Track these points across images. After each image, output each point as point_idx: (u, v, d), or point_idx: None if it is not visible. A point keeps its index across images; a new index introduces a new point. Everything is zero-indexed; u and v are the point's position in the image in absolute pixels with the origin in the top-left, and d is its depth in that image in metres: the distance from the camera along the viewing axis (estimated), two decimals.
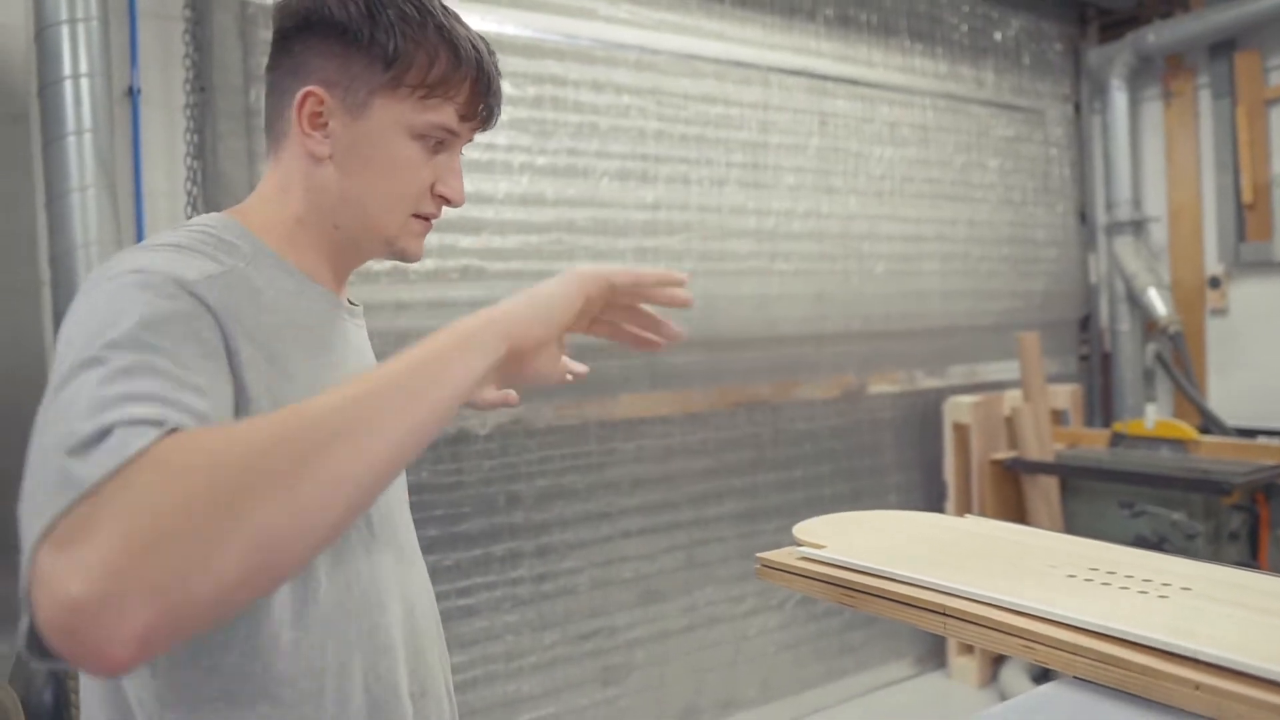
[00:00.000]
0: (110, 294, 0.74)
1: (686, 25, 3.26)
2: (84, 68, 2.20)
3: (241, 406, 0.79)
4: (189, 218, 2.43)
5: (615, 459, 3.12)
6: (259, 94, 2.52)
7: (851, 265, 3.69)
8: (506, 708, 2.88)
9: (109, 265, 0.80)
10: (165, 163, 2.45)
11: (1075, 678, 0.89)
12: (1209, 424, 4.02)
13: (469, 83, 0.94)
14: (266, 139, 0.99)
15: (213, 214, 0.95)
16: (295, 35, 0.94)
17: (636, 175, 3.16)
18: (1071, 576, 1.07)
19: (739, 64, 3.37)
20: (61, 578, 0.54)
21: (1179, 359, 4.22)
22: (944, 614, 1.03)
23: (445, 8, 0.94)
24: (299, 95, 0.92)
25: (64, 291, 2.20)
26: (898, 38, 3.84)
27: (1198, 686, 0.79)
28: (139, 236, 2.41)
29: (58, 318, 2.22)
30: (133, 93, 2.41)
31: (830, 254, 3.63)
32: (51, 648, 0.56)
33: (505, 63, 2.76)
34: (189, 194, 2.46)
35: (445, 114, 0.94)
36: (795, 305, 3.54)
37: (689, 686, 3.28)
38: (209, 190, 2.46)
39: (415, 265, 2.43)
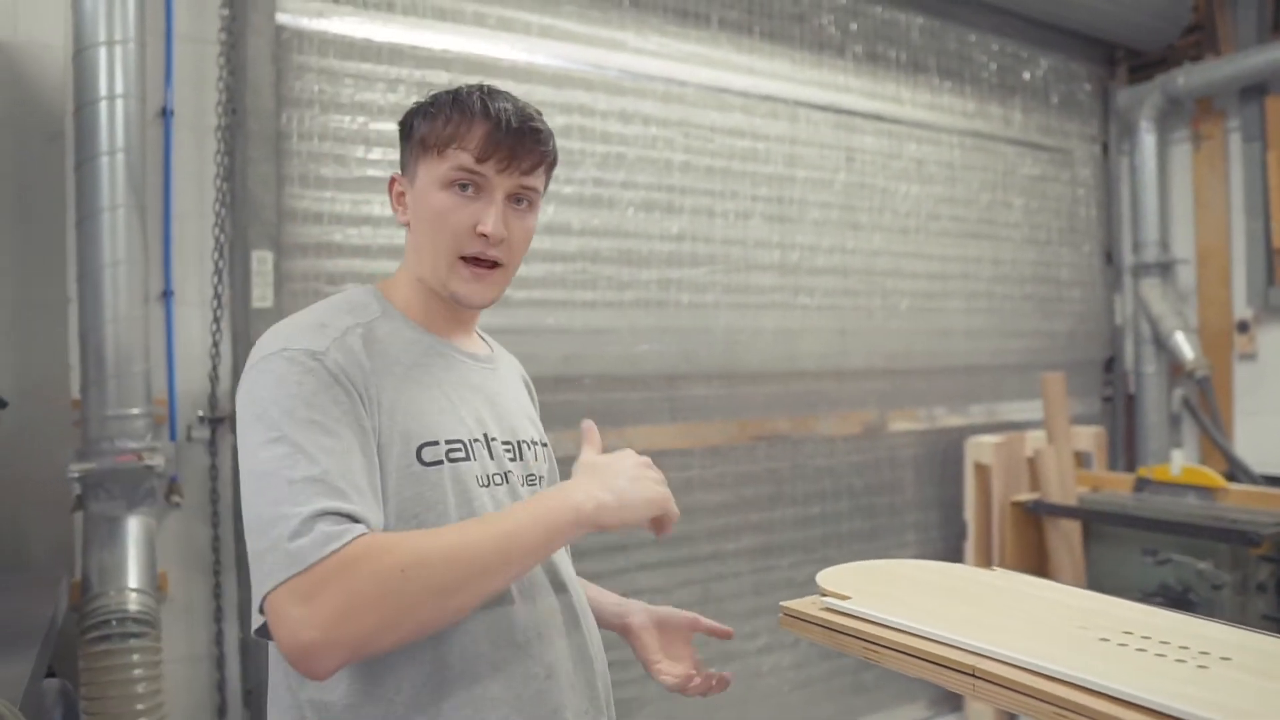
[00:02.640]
0: (266, 374, 1.03)
1: (715, 58, 3.27)
2: (119, 89, 2.23)
3: (377, 426, 1.05)
4: (216, 239, 2.46)
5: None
6: (289, 118, 2.54)
7: (875, 301, 3.67)
8: None
9: (257, 350, 1.07)
10: (195, 184, 2.47)
11: None
12: (1236, 471, 3.95)
13: (481, 131, 1.12)
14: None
15: (364, 285, 1.23)
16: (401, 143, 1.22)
17: (662, 206, 3.16)
18: (1104, 640, 1.04)
19: (767, 98, 3.38)
20: (295, 625, 0.90)
21: (1206, 404, 4.16)
22: (973, 675, 1.00)
23: (482, 87, 1.17)
24: (389, 181, 1.23)
25: (90, 309, 2.22)
26: (926, 75, 3.84)
27: None
28: (166, 257, 2.43)
29: (83, 336, 2.23)
30: (166, 114, 2.44)
31: (854, 290, 3.61)
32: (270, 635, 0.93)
33: (532, 92, 2.78)
34: (217, 215, 2.48)
35: (461, 158, 1.12)
36: (818, 340, 3.51)
37: None
38: (237, 213, 2.48)
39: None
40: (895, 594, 1.23)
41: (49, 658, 1.82)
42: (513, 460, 1.19)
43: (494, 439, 1.17)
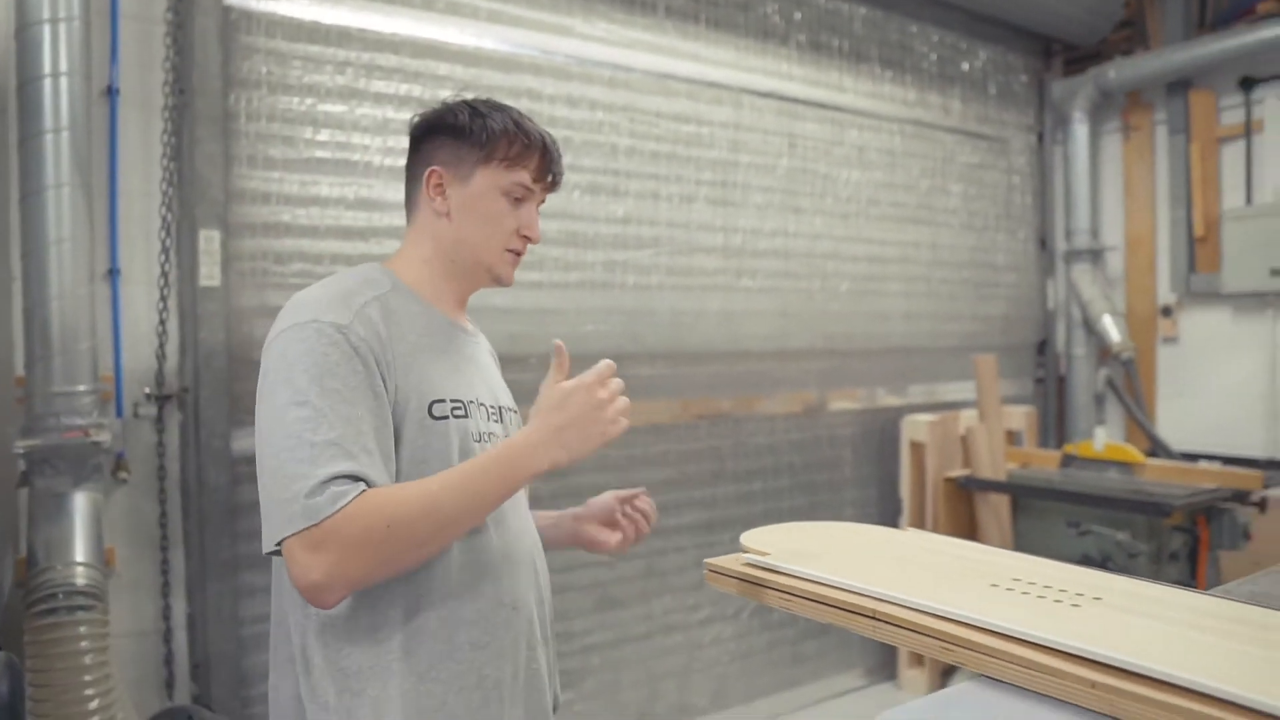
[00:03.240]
0: (296, 342, 1.17)
1: (661, 45, 3.34)
2: (64, 66, 2.24)
3: (393, 393, 1.21)
4: (163, 218, 2.48)
5: (577, 467, 3.15)
6: (237, 98, 2.56)
7: (816, 284, 3.78)
8: None
9: (285, 317, 1.21)
10: (142, 163, 2.48)
11: (987, 677, 0.96)
12: (1156, 448, 4.14)
13: (538, 156, 1.35)
14: (406, 209, 1.41)
15: (369, 263, 1.38)
16: (423, 137, 1.36)
17: (608, 190, 3.23)
18: (994, 586, 1.15)
19: (712, 84, 3.46)
20: (305, 568, 1.08)
21: (1130, 385, 4.35)
22: (874, 618, 1.10)
23: (519, 111, 1.37)
24: (426, 173, 1.34)
25: (35, 286, 2.22)
26: (868, 64, 3.95)
27: (1094, 685, 0.87)
28: (112, 235, 2.44)
29: (28, 313, 2.24)
30: (111, 92, 2.44)
31: (795, 272, 3.72)
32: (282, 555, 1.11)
33: (480, 76, 2.83)
34: (164, 194, 2.49)
35: (522, 177, 1.34)
36: (760, 322, 3.61)
37: (644, 692, 3.34)
38: (184, 192, 2.49)
39: None
40: (811, 551, 1.32)
41: None
42: (496, 423, 1.37)
43: (484, 403, 1.36)
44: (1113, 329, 4.35)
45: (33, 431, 2.23)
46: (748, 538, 1.40)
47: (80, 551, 2.20)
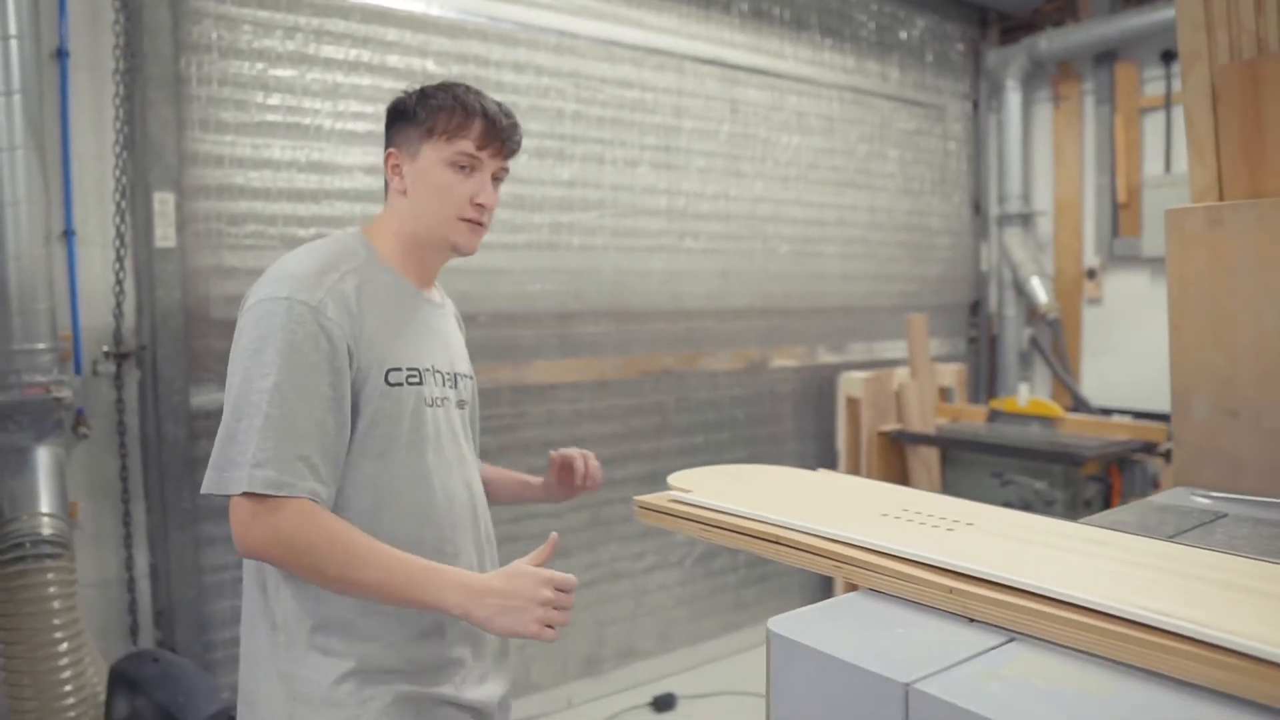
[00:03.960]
0: (267, 317, 1.29)
1: (606, 12, 3.42)
2: (13, 29, 2.28)
3: (356, 361, 1.34)
4: (118, 181, 2.53)
5: (526, 422, 3.31)
6: (188, 62, 2.61)
7: (756, 245, 3.93)
8: None
9: (266, 285, 1.33)
10: (94, 126, 2.53)
11: (872, 589, 1.12)
12: (1079, 404, 4.38)
13: (478, 124, 1.43)
14: (385, 191, 1.51)
15: (353, 229, 1.51)
16: (390, 124, 1.49)
17: (554, 154, 3.32)
18: (884, 515, 1.31)
19: (655, 51, 3.56)
20: (241, 528, 1.25)
21: (1056, 344, 4.57)
22: (777, 542, 1.25)
23: (468, 87, 1.46)
24: (386, 155, 1.48)
25: None
26: (809, 32, 4.07)
27: (950, 590, 1.03)
28: (66, 197, 2.50)
29: None
30: (61, 55, 2.48)
31: (736, 234, 3.86)
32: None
33: (429, 42, 2.91)
34: (118, 157, 2.55)
35: (464, 145, 1.43)
36: (701, 281, 3.76)
37: (591, 637, 3.51)
38: (138, 156, 2.55)
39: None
40: (730, 489, 1.47)
41: None
42: (451, 388, 1.50)
43: (439, 371, 1.48)
44: (1040, 290, 4.57)
45: None
46: (674, 478, 1.54)
47: (45, 503, 2.30)
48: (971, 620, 1.00)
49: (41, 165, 2.34)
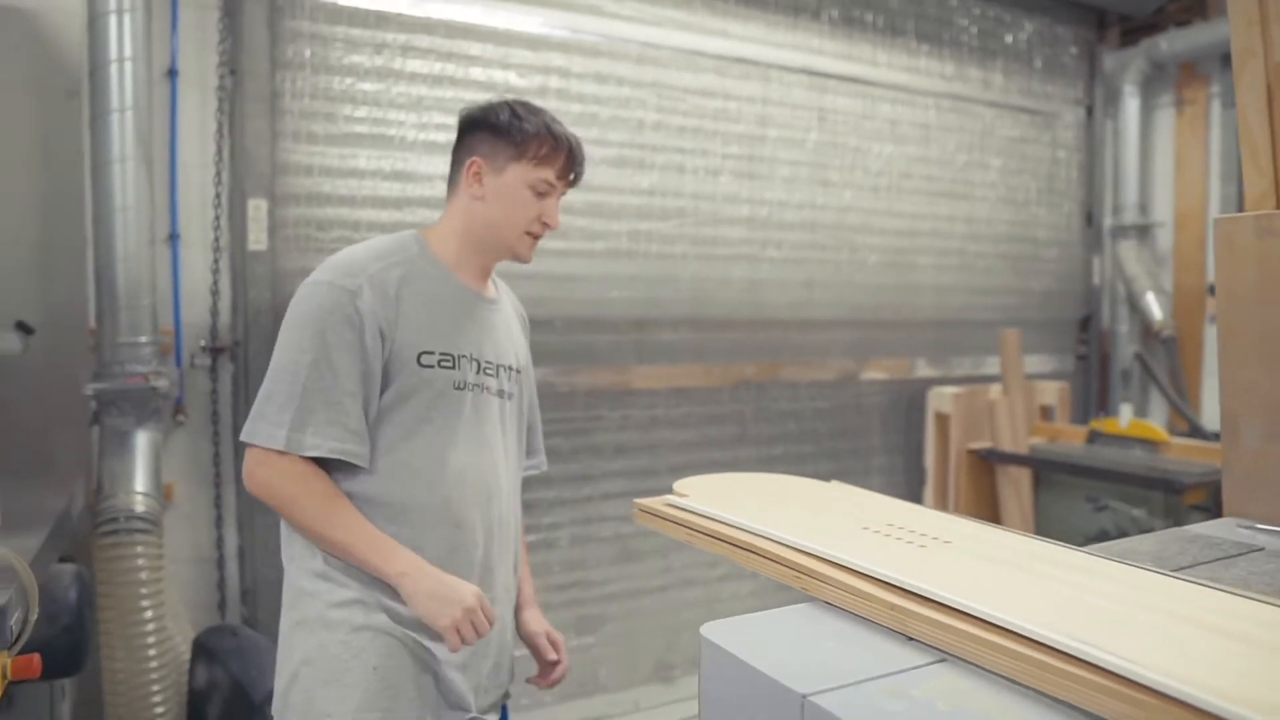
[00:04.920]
0: (310, 298, 1.48)
1: (690, 22, 3.45)
2: (128, 52, 2.51)
3: (388, 344, 1.49)
4: (217, 189, 2.74)
5: (600, 426, 3.37)
6: (283, 78, 2.80)
7: (844, 255, 3.87)
8: None
9: (314, 273, 1.52)
10: (198, 138, 2.75)
11: (827, 602, 1.11)
12: (1193, 428, 4.11)
13: (564, 157, 1.60)
14: (448, 186, 1.66)
15: (411, 230, 1.65)
16: (469, 130, 1.61)
17: (634, 163, 3.38)
18: (865, 529, 1.29)
19: (740, 60, 3.56)
20: (249, 472, 1.48)
21: (1171, 364, 4.31)
22: (750, 551, 1.26)
23: (552, 116, 1.62)
24: (468, 162, 1.59)
25: (103, 248, 2.52)
26: (904, 38, 3.98)
27: (892, 607, 1.01)
28: (172, 203, 2.72)
29: (98, 272, 2.54)
30: (172, 74, 2.71)
31: (822, 244, 3.81)
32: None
33: (511, 55, 3.01)
34: (217, 167, 2.76)
35: (548, 174, 1.58)
36: (785, 291, 3.73)
37: (660, 642, 3.53)
38: (235, 164, 2.75)
39: None
40: (727, 496, 1.49)
41: (63, 543, 2.15)
42: (490, 377, 1.62)
43: (479, 359, 1.60)
44: (1155, 306, 4.31)
45: (101, 376, 2.54)
46: (681, 484, 1.57)
47: (140, 482, 2.51)
48: (909, 639, 0.99)
49: (149, 175, 2.56)
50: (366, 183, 2.92)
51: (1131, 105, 4.44)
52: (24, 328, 2.48)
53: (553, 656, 1.77)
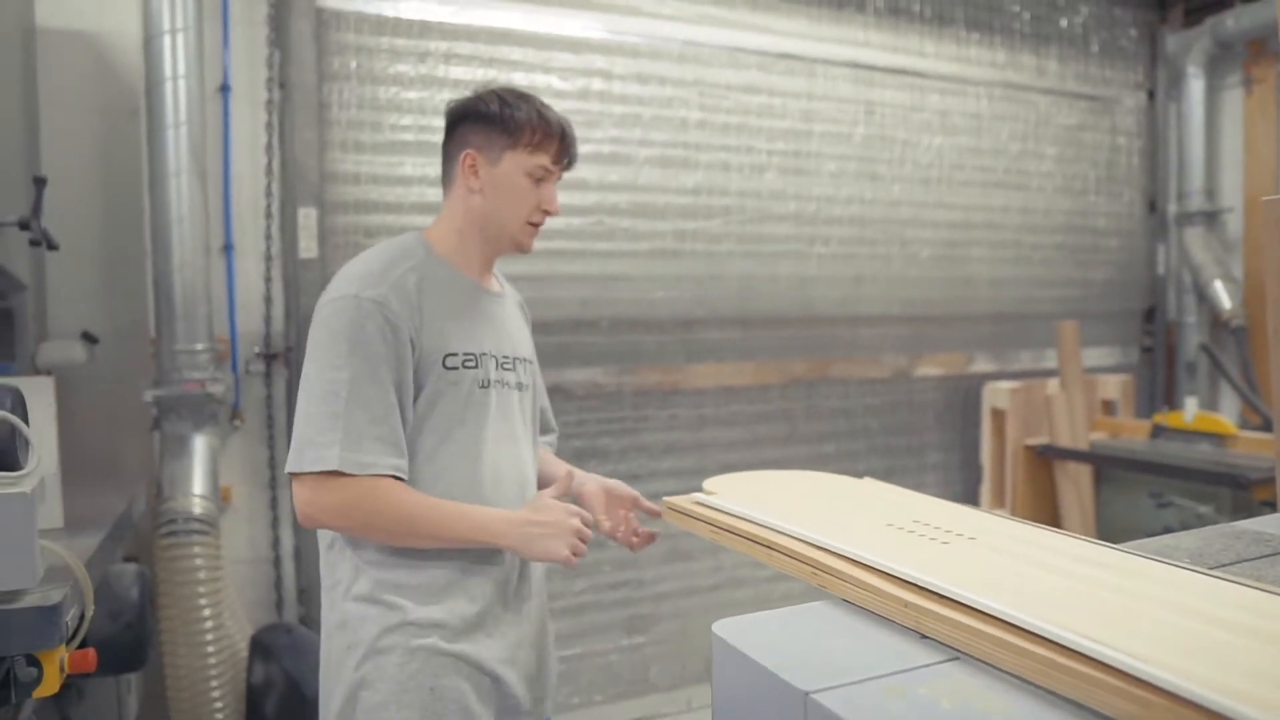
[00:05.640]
0: (340, 313, 1.45)
1: (730, 19, 3.44)
2: (181, 70, 2.60)
3: (417, 349, 1.48)
4: (267, 199, 2.82)
5: (648, 425, 3.38)
6: (330, 90, 2.87)
7: (894, 250, 3.81)
8: None
9: (337, 285, 1.49)
10: (249, 150, 2.83)
11: (844, 599, 1.10)
12: (1266, 421, 3.95)
13: (557, 141, 1.58)
14: (443, 185, 1.63)
15: (411, 232, 1.63)
16: (459, 122, 1.59)
17: (678, 162, 3.38)
18: (889, 525, 1.28)
19: (783, 55, 3.53)
20: (303, 502, 1.43)
21: (1241, 355, 4.15)
22: (770, 547, 1.25)
23: (540, 100, 1.59)
24: (462, 155, 1.57)
25: (161, 259, 2.61)
26: (953, 27, 3.91)
27: (906, 605, 1.00)
28: (226, 214, 2.81)
29: (156, 283, 2.63)
30: (225, 90, 2.80)
31: (871, 239, 3.76)
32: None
33: (552, 59, 3.04)
34: (268, 177, 2.84)
35: (543, 160, 1.57)
36: (834, 287, 3.69)
37: (711, 642, 3.51)
38: (286, 174, 2.83)
39: None
40: (758, 494, 1.48)
41: (124, 542, 2.23)
42: (509, 371, 1.62)
43: (495, 355, 1.60)
44: (1224, 295, 4.15)
45: (160, 383, 2.63)
46: (711, 482, 1.56)
47: (198, 485, 2.60)
48: (924, 636, 0.98)
49: (203, 187, 2.65)
50: (413, 189, 2.97)
51: (1196, 87, 4.28)
52: (89, 338, 2.60)
53: (632, 493, 1.76)
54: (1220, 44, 4.21)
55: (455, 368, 1.53)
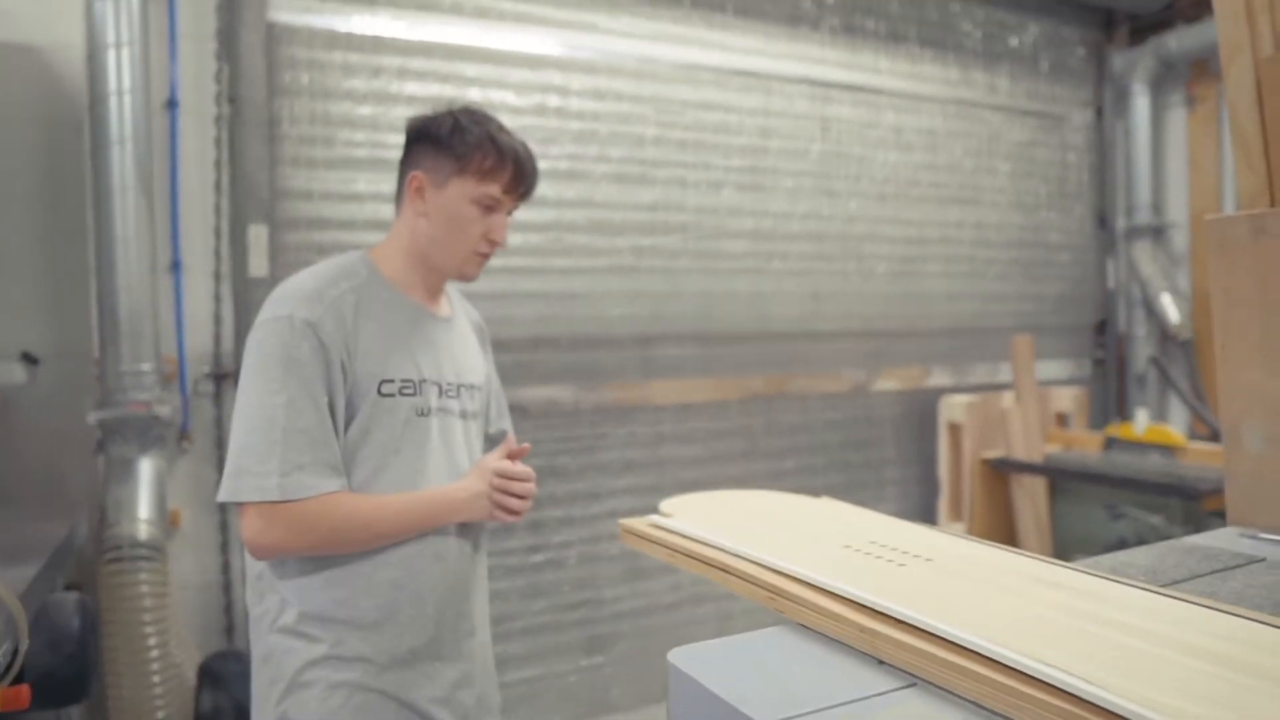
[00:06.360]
0: (273, 334, 1.40)
1: (687, 36, 3.45)
2: (126, 84, 2.54)
3: (349, 376, 1.43)
4: (217, 216, 2.76)
5: (606, 443, 3.36)
6: (280, 105, 2.82)
7: (850, 265, 3.84)
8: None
9: (271, 305, 1.44)
10: (198, 167, 2.78)
11: (801, 624, 1.09)
12: (1215, 433, 4.03)
13: (510, 171, 1.51)
14: (395, 203, 1.59)
15: (357, 251, 1.57)
16: (414, 142, 1.55)
17: (635, 178, 3.37)
18: (846, 547, 1.27)
19: (739, 72, 3.55)
20: (254, 532, 1.37)
21: (1189, 366, 4.23)
22: (725, 570, 1.24)
23: (500, 125, 1.53)
24: (409, 176, 1.53)
25: (105, 278, 2.54)
26: (906, 45, 3.96)
27: (862, 629, 0.99)
28: (174, 232, 2.75)
29: (100, 301, 2.56)
30: (172, 105, 2.74)
31: (828, 254, 3.78)
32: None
33: (508, 75, 3.01)
34: (217, 194, 2.78)
35: (492, 189, 1.51)
36: (791, 303, 3.70)
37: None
38: (235, 191, 2.78)
39: None
40: (715, 515, 1.46)
41: (66, 570, 2.16)
42: (452, 399, 1.57)
43: (439, 382, 1.55)
44: (1171, 308, 4.24)
45: (105, 405, 2.55)
46: (667, 503, 1.55)
47: (144, 509, 2.52)
48: (881, 662, 0.97)
49: (149, 204, 2.58)
50: (366, 206, 2.93)
51: (1142, 105, 4.38)
52: (29, 358, 2.52)
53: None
54: (1164, 63, 4.32)
55: (391, 395, 1.47)
